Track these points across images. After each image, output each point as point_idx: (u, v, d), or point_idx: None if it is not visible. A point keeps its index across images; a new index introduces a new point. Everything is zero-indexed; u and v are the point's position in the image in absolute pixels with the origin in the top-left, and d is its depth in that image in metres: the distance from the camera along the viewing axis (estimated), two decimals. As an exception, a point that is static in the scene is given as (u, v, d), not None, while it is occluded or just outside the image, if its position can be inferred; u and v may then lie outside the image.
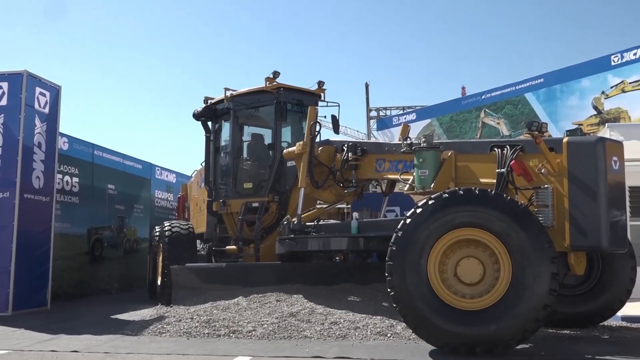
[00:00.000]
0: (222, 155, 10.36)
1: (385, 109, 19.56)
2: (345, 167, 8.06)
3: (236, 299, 7.53)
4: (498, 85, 15.81)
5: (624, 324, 7.19)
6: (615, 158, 5.62)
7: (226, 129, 10.30)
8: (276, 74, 9.53)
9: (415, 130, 16.91)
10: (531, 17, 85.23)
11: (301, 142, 8.29)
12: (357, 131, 36.70)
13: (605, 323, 6.95)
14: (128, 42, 75.83)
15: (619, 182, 5.65)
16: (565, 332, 6.51)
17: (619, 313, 7.06)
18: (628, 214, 9.88)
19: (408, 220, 5.38)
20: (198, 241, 10.74)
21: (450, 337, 5.09)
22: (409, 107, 18.91)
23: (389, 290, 5.38)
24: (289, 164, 9.17)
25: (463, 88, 36.13)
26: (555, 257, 5.08)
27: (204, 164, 10.70)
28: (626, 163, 9.34)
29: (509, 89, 15.30)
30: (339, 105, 9.99)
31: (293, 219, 8.16)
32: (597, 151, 5.50)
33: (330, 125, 9.88)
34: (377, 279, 7.36)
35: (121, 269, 13.64)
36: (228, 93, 9.94)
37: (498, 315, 4.99)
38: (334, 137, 9.51)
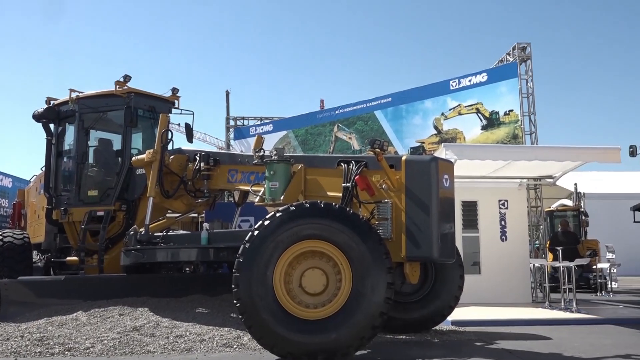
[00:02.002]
0: (65, 160, 9.76)
1: (243, 118, 19.54)
2: (197, 177, 7.96)
3: (75, 314, 7.10)
4: (352, 101, 16.58)
5: (454, 327, 7.82)
6: (446, 176, 6.11)
7: (70, 133, 9.71)
8: (127, 77, 9.19)
9: (272, 141, 17.13)
10: (386, 36, 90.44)
11: (151, 150, 8.06)
12: (217, 139, 36.19)
13: (437, 327, 7.51)
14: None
15: (449, 197, 6.16)
16: (401, 337, 6.93)
17: (449, 318, 7.68)
18: (460, 226, 10.87)
19: (255, 232, 5.45)
20: (35, 252, 9.99)
21: (293, 346, 5.22)
22: (267, 118, 19.07)
23: (235, 301, 5.40)
24: (139, 171, 8.85)
25: (322, 101, 37.17)
26: (392, 268, 5.42)
27: (44, 169, 10.00)
28: (459, 180, 10.26)
29: (360, 106, 16.06)
30: (193, 114, 9.88)
31: (140, 229, 7.88)
32: (430, 169, 5.95)
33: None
34: (227, 290, 7.32)
35: (-58, 282, 12.18)
36: (74, 95, 9.41)
37: (338, 324, 5.21)
38: (188, 146, 9.39)
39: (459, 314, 8.32)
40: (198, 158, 7.94)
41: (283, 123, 18.23)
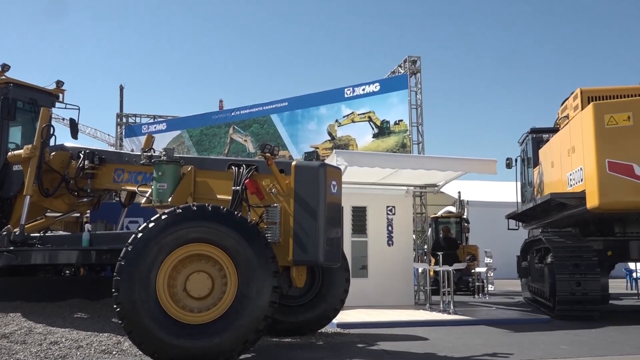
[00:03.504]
0: None
1: (135, 115, 18.83)
2: (80, 175, 7.63)
3: None
4: (249, 104, 16.52)
5: (339, 330, 8.02)
6: (334, 182, 6.26)
7: (-63, 123, 8.91)
8: (5, 67, 8.60)
9: (165, 140, 16.72)
10: (288, 40, 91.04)
11: (30, 145, 7.62)
12: (108, 135, 34.57)
13: (323, 330, 7.66)
14: None
15: (336, 203, 6.31)
16: (287, 340, 7.01)
17: (335, 320, 7.86)
18: (350, 230, 11.18)
19: (139, 235, 5.32)
20: None
21: (175, 351, 5.13)
22: (161, 116, 18.51)
23: (115, 306, 5.24)
24: (16, 168, 8.31)
25: (221, 101, 36.75)
26: (278, 272, 5.48)
27: None
28: (350, 186, 10.56)
29: (256, 109, 16.06)
30: (79, 109, 9.40)
31: (15, 229, 7.40)
32: (319, 175, 6.07)
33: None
34: (108, 294, 7.08)
35: None
36: (-59, 82, 8.66)
37: (222, 328, 5.19)
38: (73, 142, 8.96)
39: (345, 316, 8.55)
40: (82, 155, 7.61)
41: (177, 122, 17.81)
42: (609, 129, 8.66)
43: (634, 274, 16.85)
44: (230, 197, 6.23)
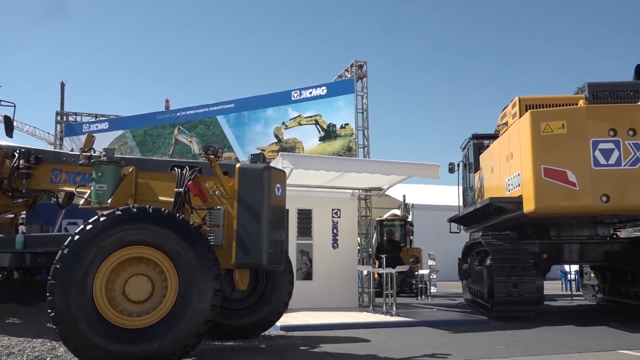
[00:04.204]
0: None
1: (76, 114, 18.25)
2: (15, 175, 7.36)
3: None
4: (195, 104, 16.30)
5: (282, 332, 8.00)
6: (278, 185, 6.27)
7: None
8: None
9: (108, 140, 16.30)
10: (234, 43, 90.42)
11: (-40, 144, 7.29)
12: (48, 133, 33.44)
13: (266, 333, 7.63)
14: None
15: (280, 206, 6.31)
16: (230, 343, 6.94)
17: (279, 323, 7.85)
18: (295, 233, 11.19)
19: (76, 237, 5.18)
20: None
21: (112, 357, 5.02)
22: (103, 115, 18.00)
23: (49, 311, 5.08)
24: (-56, 167, 7.91)
25: (167, 101, 36.12)
26: (220, 275, 5.43)
27: None
28: (296, 188, 10.57)
29: (202, 110, 15.87)
30: (14, 106, 9.04)
31: (-57, 231, 7.07)
32: (263, 178, 6.06)
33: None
34: (43, 298, 6.85)
35: None
36: None
37: (162, 332, 5.11)
38: (8, 141, 8.63)
39: (289, 319, 8.55)
40: (17, 155, 7.34)
41: (120, 122, 17.38)
42: (545, 136, 8.99)
43: (569, 276, 17.57)
44: (172, 199, 6.14)
